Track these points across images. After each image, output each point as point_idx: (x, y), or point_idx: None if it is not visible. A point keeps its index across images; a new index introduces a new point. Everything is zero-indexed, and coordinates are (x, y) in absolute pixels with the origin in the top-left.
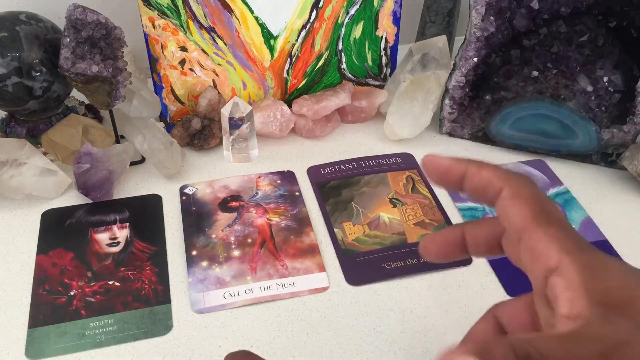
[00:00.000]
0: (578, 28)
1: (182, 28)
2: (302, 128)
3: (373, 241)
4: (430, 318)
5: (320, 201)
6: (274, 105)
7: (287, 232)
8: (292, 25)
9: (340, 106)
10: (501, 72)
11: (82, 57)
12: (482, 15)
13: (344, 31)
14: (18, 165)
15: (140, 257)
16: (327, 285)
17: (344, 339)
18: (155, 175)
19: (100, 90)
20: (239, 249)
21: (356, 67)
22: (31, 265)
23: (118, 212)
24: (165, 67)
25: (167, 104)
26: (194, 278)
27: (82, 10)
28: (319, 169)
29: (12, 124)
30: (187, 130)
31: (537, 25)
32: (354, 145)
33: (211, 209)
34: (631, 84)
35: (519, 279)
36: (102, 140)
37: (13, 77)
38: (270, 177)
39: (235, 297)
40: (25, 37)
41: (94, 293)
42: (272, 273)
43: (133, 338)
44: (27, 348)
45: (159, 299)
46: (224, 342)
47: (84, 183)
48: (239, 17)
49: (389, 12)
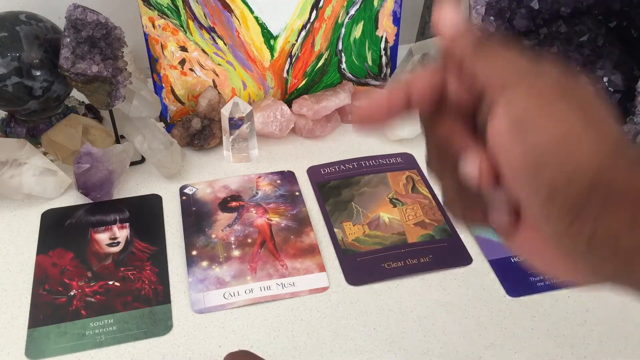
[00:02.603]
0: (578, 28)
1: (182, 28)
2: (302, 128)
3: (373, 241)
4: (430, 318)
5: (320, 201)
6: (274, 105)
7: (287, 232)
8: (292, 25)
9: (340, 106)
10: None
11: (82, 57)
12: (482, 15)
13: (344, 31)
14: (18, 165)
15: (140, 257)
16: (327, 285)
17: (344, 339)
18: (155, 175)
19: (100, 90)
20: (239, 249)
21: (356, 67)
22: (31, 265)
23: (118, 212)
24: (165, 67)
25: (167, 104)
26: (194, 278)
27: (82, 10)
28: (319, 169)
29: (12, 124)
30: (187, 130)
31: (537, 25)
32: (354, 145)
33: (211, 209)
34: (631, 84)
35: (519, 279)
36: (102, 140)
37: (13, 77)
38: (270, 177)
39: (235, 297)
40: (25, 37)
41: (94, 293)
42: (272, 273)
43: (133, 338)
44: (27, 348)
45: (159, 299)
46: (224, 342)
47: (84, 183)
48: (239, 17)
49: (389, 12)
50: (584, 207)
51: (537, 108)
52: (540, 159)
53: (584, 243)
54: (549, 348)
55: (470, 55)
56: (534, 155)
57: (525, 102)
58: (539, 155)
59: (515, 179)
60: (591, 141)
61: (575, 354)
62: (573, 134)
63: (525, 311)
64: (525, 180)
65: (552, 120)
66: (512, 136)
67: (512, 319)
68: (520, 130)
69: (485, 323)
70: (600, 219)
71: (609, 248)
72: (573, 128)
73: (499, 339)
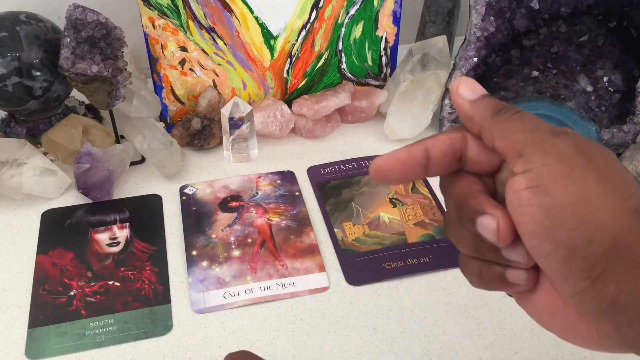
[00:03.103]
0: (578, 28)
1: (182, 28)
2: (302, 128)
3: (373, 241)
4: (430, 318)
5: (320, 201)
6: (274, 105)
7: (287, 232)
8: (292, 25)
9: (340, 106)
10: (501, 72)
11: (82, 57)
12: (482, 15)
13: (344, 31)
14: (18, 165)
15: (140, 257)
16: (327, 285)
17: (344, 339)
18: (155, 175)
19: (100, 90)
20: (239, 249)
21: (356, 67)
22: (31, 265)
23: (118, 212)
24: (165, 67)
25: (167, 104)
26: (194, 278)
27: (82, 10)
28: (319, 169)
29: (12, 124)
30: (187, 130)
31: (537, 25)
32: (354, 145)
33: (211, 209)
34: (631, 84)
35: None
36: (102, 140)
37: (13, 77)
38: (270, 177)
39: (235, 297)
40: (25, 37)
41: (94, 293)
42: (272, 273)
43: (133, 338)
44: (27, 348)
45: (159, 299)
46: (224, 342)
47: (84, 183)
48: (239, 17)
49: (389, 12)
50: (606, 267)
51: (555, 170)
52: (558, 218)
53: (608, 303)
54: (548, 348)
55: (490, 121)
56: (552, 214)
57: (543, 164)
58: (556, 215)
59: (533, 238)
60: (611, 204)
61: (575, 354)
62: (592, 196)
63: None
64: (544, 239)
65: (570, 182)
66: (530, 196)
67: (512, 319)
68: (539, 190)
69: (485, 323)
70: (626, 282)
71: (634, 311)
72: (592, 190)
73: (499, 339)
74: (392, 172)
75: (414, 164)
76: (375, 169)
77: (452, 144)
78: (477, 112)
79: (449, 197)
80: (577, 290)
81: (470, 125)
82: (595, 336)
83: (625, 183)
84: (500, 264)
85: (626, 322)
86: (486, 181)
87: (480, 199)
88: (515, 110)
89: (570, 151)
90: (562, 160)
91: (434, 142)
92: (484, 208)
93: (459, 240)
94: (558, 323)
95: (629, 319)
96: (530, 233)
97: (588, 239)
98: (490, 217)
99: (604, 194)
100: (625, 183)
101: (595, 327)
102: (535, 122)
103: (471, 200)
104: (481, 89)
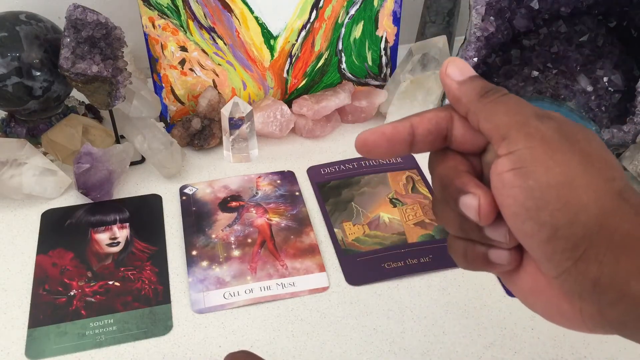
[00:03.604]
0: (578, 28)
1: (182, 28)
2: (302, 128)
3: (373, 241)
4: (430, 318)
5: (320, 201)
6: (274, 105)
7: (287, 232)
8: (292, 25)
9: (340, 106)
10: (501, 72)
11: (82, 57)
12: (482, 15)
13: (344, 31)
14: (18, 165)
15: (140, 257)
16: (327, 285)
17: (344, 339)
18: (155, 175)
19: (100, 90)
20: (239, 249)
21: (356, 67)
22: (31, 265)
23: (118, 212)
24: (165, 67)
25: (167, 104)
26: (194, 278)
27: (82, 10)
28: (319, 169)
29: (12, 124)
30: (187, 130)
31: (537, 25)
32: (354, 145)
33: (211, 209)
34: (631, 84)
35: None
36: (102, 140)
37: (13, 77)
38: (270, 177)
39: (235, 297)
40: (25, 37)
41: (94, 293)
42: (272, 273)
43: (133, 338)
44: (27, 348)
45: (159, 299)
46: (224, 342)
47: (84, 183)
48: (239, 17)
49: (389, 12)
50: (588, 248)
51: (539, 152)
52: (541, 200)
53: (590, 284)
54: (548, 348)
55: (476, 102)
56: (535, 196)
57: (526, 146)
58: (540, 196)
59: (516, 218)
60: (594, 186)
61: (575, 354)
62: (575, 178)
63: (525, 311)
64: (527, 219)
65: (554, 164)
66: (514, 178)
67: (512, 319)
68: (522, 172)
69: (485, 323)
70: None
71: (615, 292)
72: (575, 172)
73: (499, 339)
74: (377, 147)
75: (399, 140)
76: (361, 143)
77: (438, 122)
78: (464, 93)
79: (435, 177)
80: (560, 271)
81: (457, 106)
82: (579, 317)
83: (609, 165)
84: (483, 243)
85: (608, 302)
86: (473, 161)
87: (464, 179)
88: (502, 93)
89: (553, 134)
90: (546, 142)
91: (420, 119)
92: (467, 187)
93: (446, 220)
94: (543, 304)
95: (610, 299)
96: (514, 214)
97: (571, 220)
98: (472, 196)
99: (588, 175)
100: (608, 165)
101: (579, 308)
102: (520, 105)
103: (455, 180)
104: (470, 70)
